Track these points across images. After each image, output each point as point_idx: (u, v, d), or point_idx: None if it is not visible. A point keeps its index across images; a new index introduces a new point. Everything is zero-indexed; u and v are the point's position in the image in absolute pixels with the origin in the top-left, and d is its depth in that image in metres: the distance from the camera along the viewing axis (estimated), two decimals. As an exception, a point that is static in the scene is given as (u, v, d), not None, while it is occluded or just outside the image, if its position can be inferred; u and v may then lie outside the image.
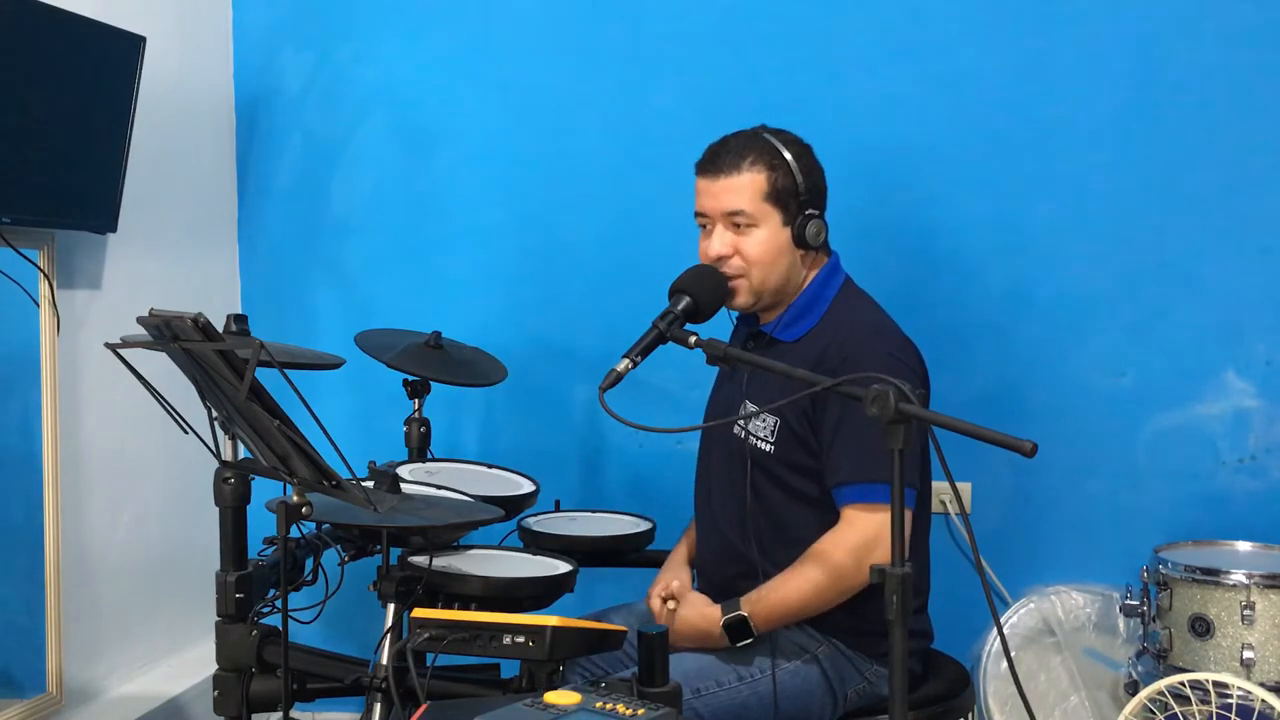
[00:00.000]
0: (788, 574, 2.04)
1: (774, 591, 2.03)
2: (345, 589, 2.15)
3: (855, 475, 2.01)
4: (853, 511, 2.02)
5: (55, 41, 2.36)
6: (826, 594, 2.02)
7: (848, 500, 2.03)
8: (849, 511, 2.02)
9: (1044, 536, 2.94)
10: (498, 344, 2.83)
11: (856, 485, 2.01)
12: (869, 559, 1.94)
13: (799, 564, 2.04)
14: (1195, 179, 2.82)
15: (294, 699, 2.04)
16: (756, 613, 2.03)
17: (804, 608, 2.04)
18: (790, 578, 2.03)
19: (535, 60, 3.09)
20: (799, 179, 2.10)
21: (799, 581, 2.02)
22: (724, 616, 2.04)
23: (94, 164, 2.54)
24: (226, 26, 3.21)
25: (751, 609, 2.03)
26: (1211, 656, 2.36)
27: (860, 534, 1.99)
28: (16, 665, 2.56)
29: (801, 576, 2.02)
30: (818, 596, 2.02)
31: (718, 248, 2.13)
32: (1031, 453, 1.47)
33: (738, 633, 2.03)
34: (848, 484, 2.02)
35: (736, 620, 2.03)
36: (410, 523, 2.06)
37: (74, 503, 2.61)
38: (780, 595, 2.03)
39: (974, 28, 2.89)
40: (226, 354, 1.65)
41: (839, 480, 2.04)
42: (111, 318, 2.67)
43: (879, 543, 1.97)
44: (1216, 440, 2.85)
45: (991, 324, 2.92)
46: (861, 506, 2.00)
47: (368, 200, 3.20)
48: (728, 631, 2.03)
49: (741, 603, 2.04)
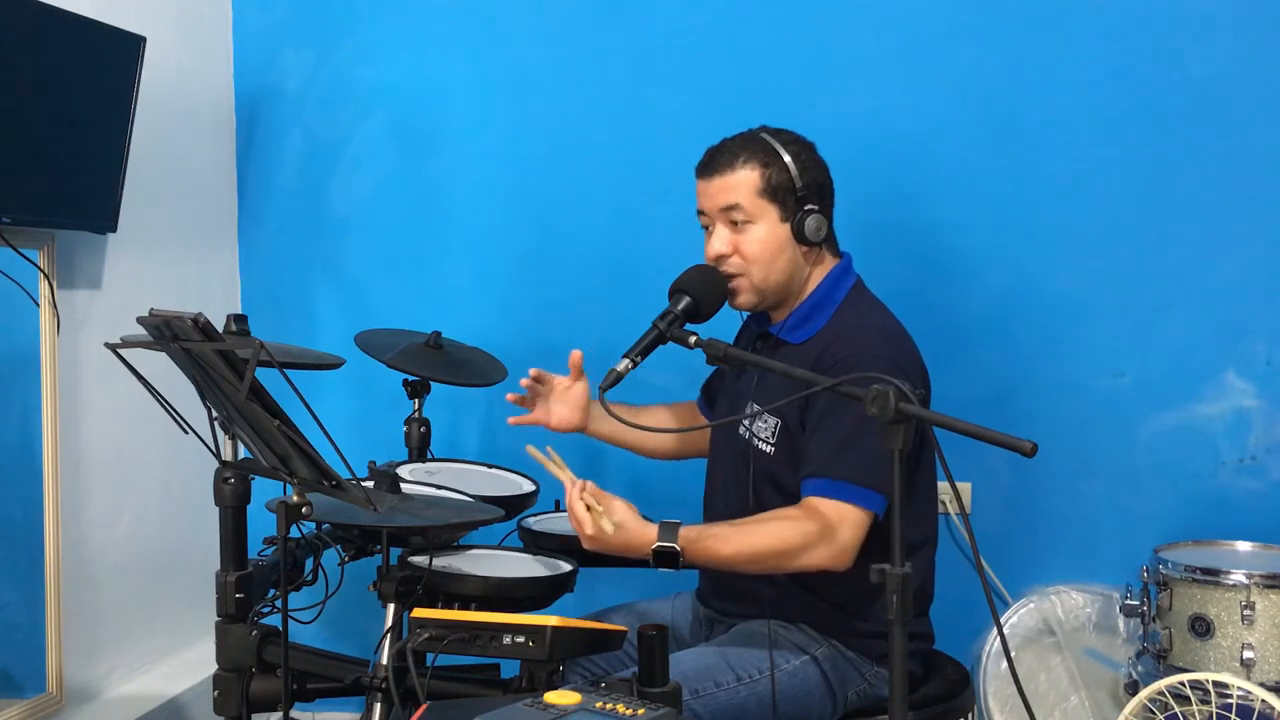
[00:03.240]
0: (733, 527, 1.99)
1: (714, 539, 1.96)
2: (345, 589, 2.15)
3: (826, 471, 1.99)
4: (815, 501, 1.98)
5: (55, 41, 2.36)
6: (757, 562, 1.98)
7: (813, 492, 1.99)
8: (811, 501, 1.99)
9: (1044, 536, 2.94)
10: (498, 344, 2.83)
11: (826, 480, 1.98)
12: (813, 550, 1.93)
13: (747, 523, 2.00)
14: (1196, 179, 2.82)
15: (294, 699, 2.04)
16: (689, 551, 1.95)
17: (731, 565, 1.99)
18: (733, 532, 1.98)
19: (535, 60, 3.09)
20: (795, 175, 2.10)
21: (739, 540, 1.97)
22: (657, 543, 1.94)
23: (94, 164, 2.54)
24: (226, 26, 3.21)
25: (686, 545, 1.94)
26: (1211, 656, 2.36)
27: (815, 524, 1.95)
28: (16, 665, 2.56)
29: (744, 535, 1.97)
30: (749, 561, 1.98)
31: (717, 246, 2.13)
32: (1031, 453, 1.46)
33: (662, 560, 1.95)
34: (814, 477, 2.00)
35: (668, 550, 1.93)
36: (410, 523, 2.06)
37: (74, 503, 2.61)
38: (717, 545, 1.96)
39: (974, 28, 2.89)
40: (226, 354, 1.65)
41: (809, 472, 2.01)
42: (111, 318, 2.67)
43: (826, 535, 1.94)
44: (1216, 440, 2.85)
45: (992, 324, 2.92)
46: (824, 500, 1.97)
47: (368, 200, 3.21)
48: (655, 556, 1.94)
49: (679, 537, 1.94)
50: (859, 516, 1.96)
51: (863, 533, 1.97)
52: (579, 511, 1.94)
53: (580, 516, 1.93)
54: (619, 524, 1.94)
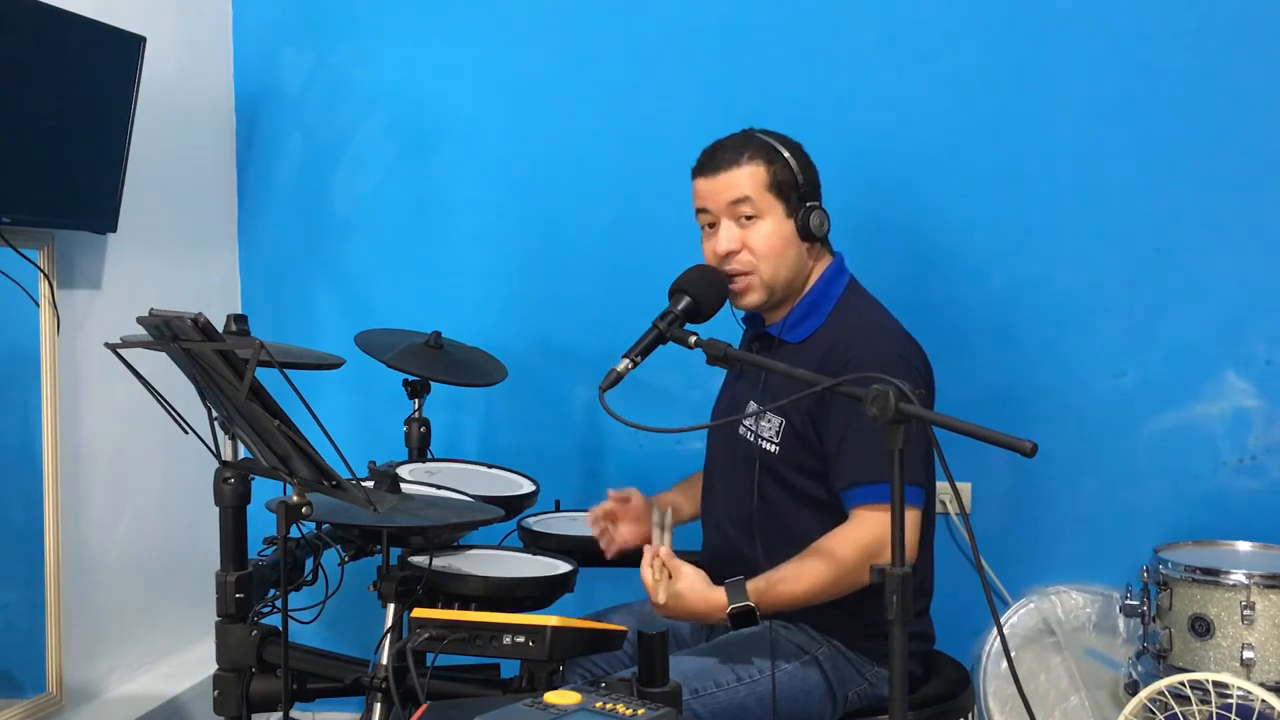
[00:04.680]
0: (795, 565, 2.01)
1: (782, 583, 1.99)
2: (345, 589, 2.14)
3: (864, 476, 2.00)
4: (863, 511, 2.01)
5: (55, 41, 2.36)
6: (831, 589, 2.00)
7: (857, 501, 2.01)
8: (859, 512, 2.01)
9: (1044, 536, 2.94)
10: (498, 344, 2.83)
11: (866, 486, 2.00)
12: (877, 559, 1.93)
13: (806, 556, 2.01)
14: (1196, 179, 2.83)
15: (294, 699, 2.04)
16: (763, 603, 1.98)
17: (808, 601, 2.01)
18: (798, 570, 2.00)
19: (535, 60, 3.09)
20: (797, 171, 2.11)
21: (807, 575, 1.99)
22: (730, 605, 1.97)
23: (94, 164, 2.54)
24: (226, 26, 3.21)
25: (759, 599, 1.97)
26: (1211, 656, 2.36)
27: (870, 533, 1.98)
28: (16, 665, 2.56)
29: (809, 569, 1.99)
30: (824, 591, 2.00)
31: (725, 244, 2.12)
32: (1031, 453, 1.46)
33: (740, 621, 1.98)
34: (856, 485, 2.01)
35: (743, 610, 1.96)
36: (410, 523, 2.05)
37: (74, 503, 2.61)
38: (789, 588, 1.99)
39: (974, 28, 2.89)
40: (226, 354, 1.65)
41: (848, 482, 2.03)
42: (111, 318, 2.67)
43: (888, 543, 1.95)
44: (1216, 440, 2.85)
45: (992, 324, 2.92)
46: (871, 507, 1.99)
47: (368, 200, 3.21)
48: (733, 620, 1.98)
49: (749, 592, 1.97)
50: (912, 514, 1.98)
51: (915, 527, 2.00)
52: (647, 579, 1.98)
53: (647, 584, 1.98)
54: (677, 593, 1.96)
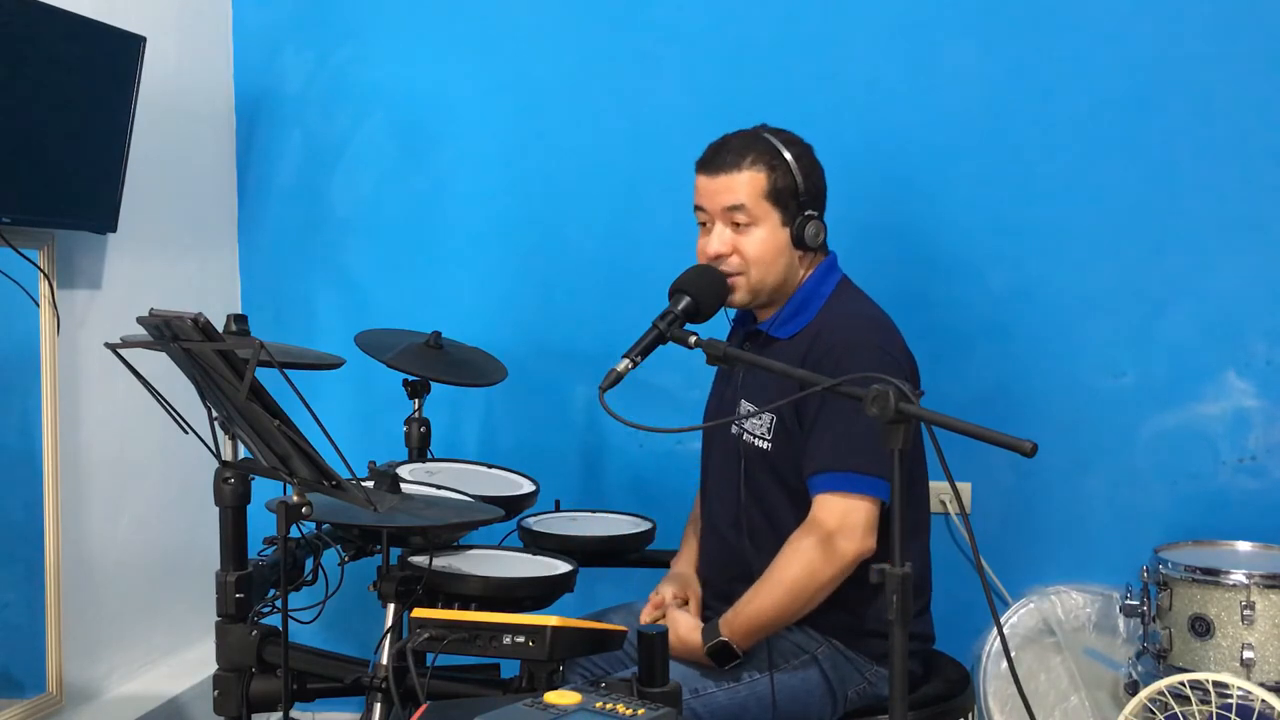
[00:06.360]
0: (758, 586, 2.02)
1: (748, 605, 2.01)
2: (345, 589, 2.14)
3: (826, 464, 2.01)
4: (820, 498, 2.01)
5: (55, 41, 2.36)
6: (803, 593, 1.99)
7: (819, 489, 2.01)
8: (816, 499, 2.01)
9: (1044, 536, 2.94)
10: (498, 344, 2.83)
11: (827, 474, 2.00)
12: (836, 547, 1.95)
13: (770, 572, 2.02)
14: (1196, 179, 2.83)
15: (294, 699, 2.04)
16: (735, 632, 2.01)
17: (782, 614, 2.02)
18: (761, 588, 2.01)
19: (535, 59, 3.09)
20: (799, 179, 2.11)
21: (771, 590, 2.00)
22: (705, 645, 2.02)
23: (94, 164, 2.53)
24: (226, 26, 3.21)
25: (730, 631, 2.01)
26: (1211, 656, 2.36)
27: (823, 525, 1.98)
28: (16, 665, 2.56)
29: (774, 583, 2.00)
30: (795, 599, 2.00)
31: (716, 246, 2.13)
32: (1031, 453, 1.46)
33: (723, 657, 2.02)
34: (820, 472, 2.01)
35: (719, 646, 2.01)
36: (410, 523, 2.06)
37: (74, 503, 2.61)
38: (755, 608, 2.01)
39: (974, 28, 2.89)
40: (226, 354, 1.65)
41: (811, 470, 2.03)
42: (111, 318, 2.67)
43: (843, 531, 1.96)
44: (1216, 440, 2.85)
45: (992, 324, 2.92)
46: (831, 494, 1.99)
47: (368, 200, 3.20)
48: (713, 658, 2.02)
49: (720, 626, 2.02)
50: (869, 504, 1.98)
51: (875, 519, 1.99)
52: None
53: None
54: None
